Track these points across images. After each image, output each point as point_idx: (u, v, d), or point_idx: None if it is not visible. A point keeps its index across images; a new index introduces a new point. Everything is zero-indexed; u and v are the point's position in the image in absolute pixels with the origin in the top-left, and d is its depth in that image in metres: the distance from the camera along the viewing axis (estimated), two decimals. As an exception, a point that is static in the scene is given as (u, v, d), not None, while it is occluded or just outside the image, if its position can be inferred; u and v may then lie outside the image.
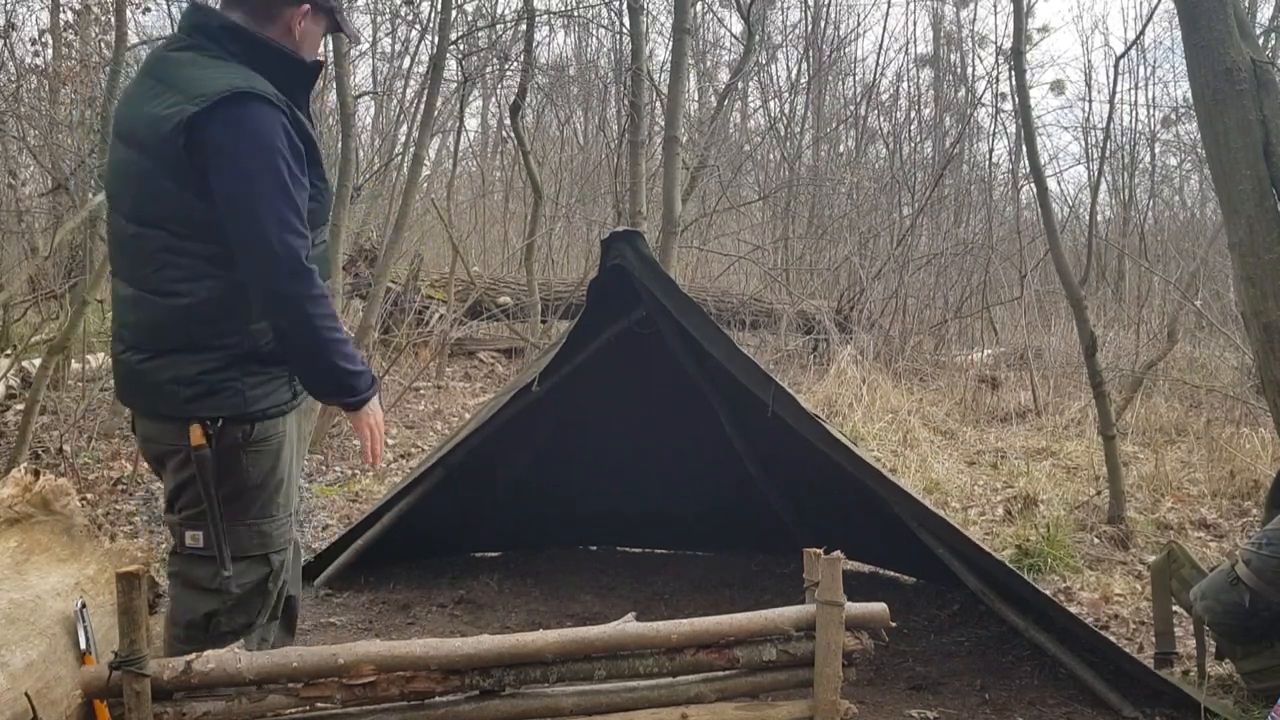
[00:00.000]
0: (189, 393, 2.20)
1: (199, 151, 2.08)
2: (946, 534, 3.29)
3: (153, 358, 2.22)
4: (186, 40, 2.23)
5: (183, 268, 2.18)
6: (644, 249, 3.48)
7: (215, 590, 2.26)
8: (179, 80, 2.14)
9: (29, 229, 7.16)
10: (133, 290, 2.24)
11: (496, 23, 10.86)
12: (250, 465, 2.26)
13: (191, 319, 2.18)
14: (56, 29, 9.02)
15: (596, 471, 4.55)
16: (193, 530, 2.27)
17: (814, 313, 10.18)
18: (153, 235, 2.18)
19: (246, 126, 2.09)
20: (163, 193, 2.15)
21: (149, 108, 2.16)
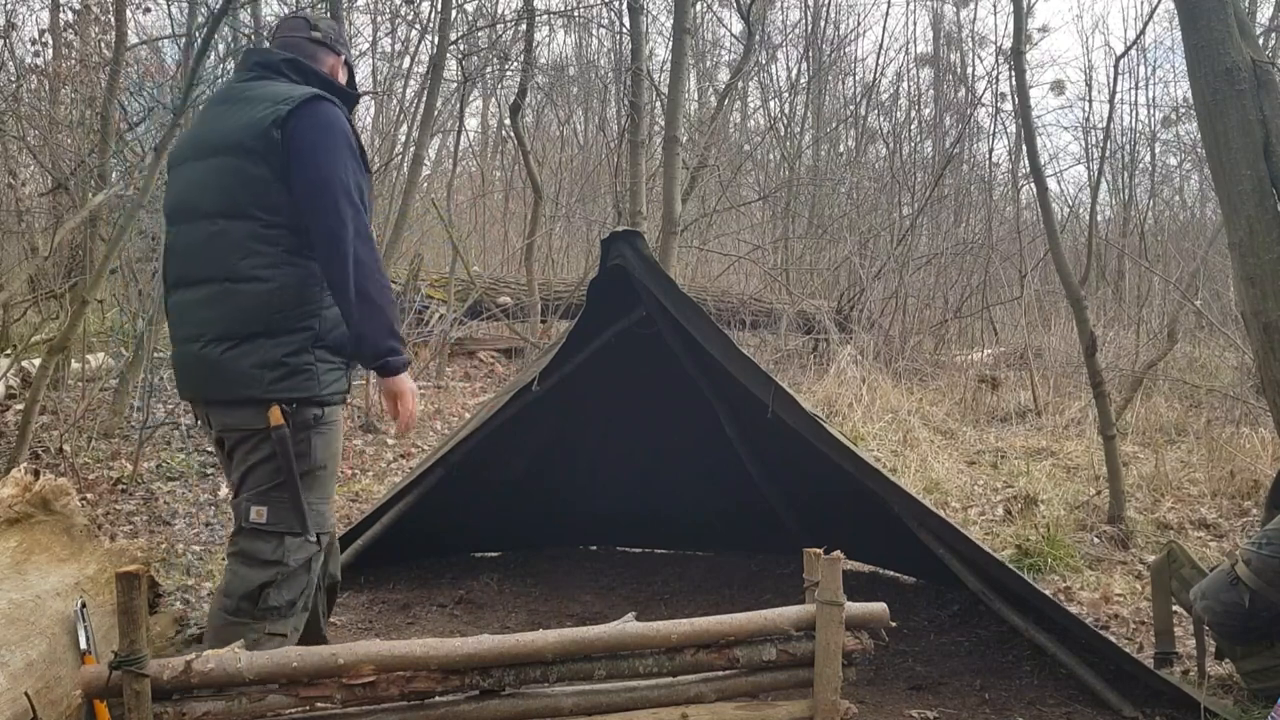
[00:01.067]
0: (273, 375, 2.42)
1: (288, 141, 2.42)
2: (946, 534, 3.29)
3: (236, 345, 2.42)
4: (256, 73, 2.62)
5: (266, 255, 2.43)
6: (644, 249, 3.48)
7: (274, 562, 2.44)
8: (265, 94, 2.50)
9: (29, 229, 7.16)
10: (209, 288, 2.46)
11: (496, 23, 10.86)
12: (318, 446, 2.49)
13: (273, 303, 2.42)
14: (56, 29, 9.02)
15: (597, 472, 4.55)
16: (258, 506, 2.45)
17: (814, 313, 10.18)
18: (241, 225, 2.44)
19: (324, 119, 2.46)
20: (256, 181, 2.43)
21: (237, 119, 2.49)
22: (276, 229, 2.44)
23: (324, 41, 2.75)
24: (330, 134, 2.45)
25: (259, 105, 2.47)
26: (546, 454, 4.45)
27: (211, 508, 5.11)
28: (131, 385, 6.16)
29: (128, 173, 6.82)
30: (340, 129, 2.47)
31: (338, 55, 2.76)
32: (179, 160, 2.64)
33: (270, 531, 2.45)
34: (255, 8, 9.23)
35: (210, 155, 2.52)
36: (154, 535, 4.62)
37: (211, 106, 2.69)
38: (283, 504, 2.44)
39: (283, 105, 2.44)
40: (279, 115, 2.42)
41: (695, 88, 15.91)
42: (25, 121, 7.36)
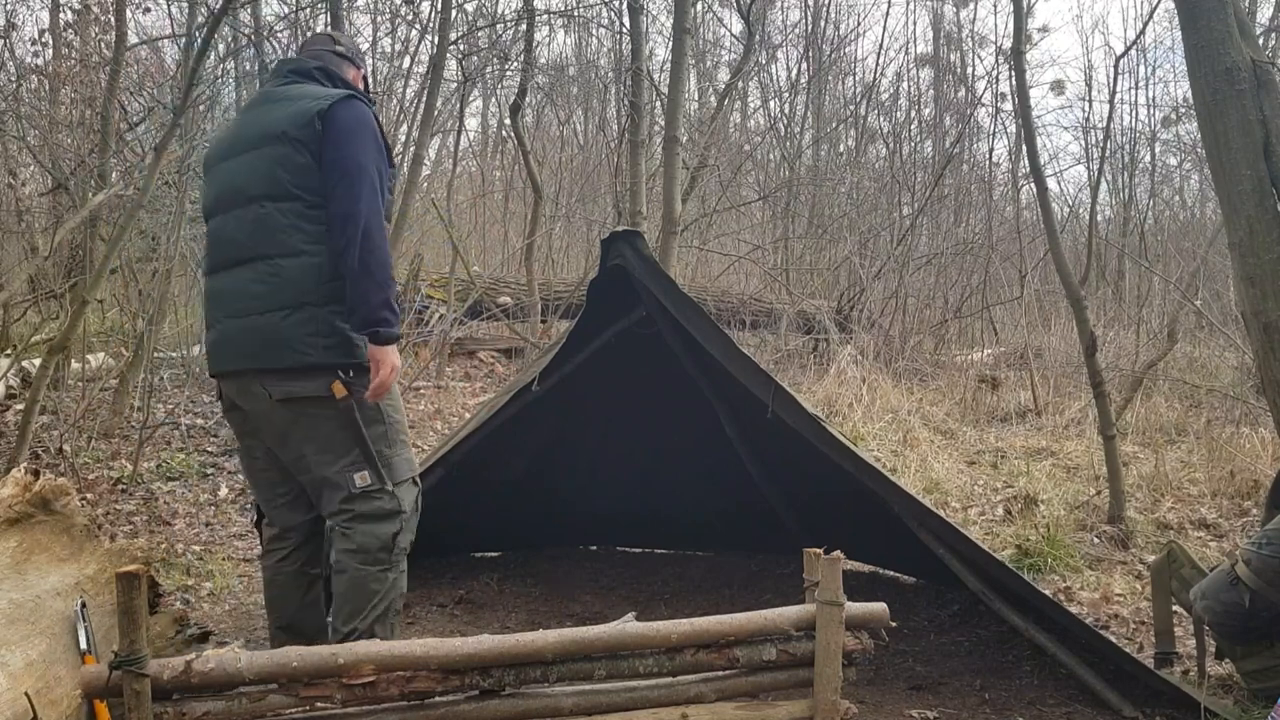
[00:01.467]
0: (326, 342, 2.67)
1: (326, 130, 2.69)
2: (946, 534, 3.29)
3: (291, 313, 2.66)
4: (290, 79, 2.90)
5: (310, 232, 2.69)
6: (644, 249, 3.48)
7: (394, 512, 2.74)
8: (304, 93, 2.80)
9: (29, 229, 7.16)
10: (260, 265, 2.70)
11: (496, 23, 10.86)
12: (384, 406, 2.74)
13: (320, 275, 2.67)
14: (56, 29, 9.02)
15: (597, 472, 4.55)
16: (359, 472, 2.71)
17: (814, 312, 10.17)
18: (286, 205, 2.70)
19: (357, 113, 2.75)
20: (299, 167, 2.70)
21: (279, 113, 2.76)
22: (318, 209, 2.69)
23: (347, 55, 3.05)
24: (361, 126, 2.73)
25: (301, 101, 2.75)
26: (546, 454, 4.45)
27: (211, 508, 5.11)
28: (131, 385, 6.16)
29: (128, 173, 6.82)
30: (369, 124, 2.75)
31: (358, 68, 3.07)
32: (216, 160, 2.89)
33: (376, 489, 2.72)
34: (255, 8, 9.24)
35: (254, 148, 2.77)
36: (154, 535, 4.62)
37: (248, 110, 2.97)
38: (372, 463, 2.71)
39: (323, 100, 2.73)
40: (320, 108, 2.70)
41: (695, 88, 15.91)
42: (25, 121, 7.35)
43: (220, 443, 6.08)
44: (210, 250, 2.86)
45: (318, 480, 2.75)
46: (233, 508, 5.13)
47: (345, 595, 2.73)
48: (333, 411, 2.67)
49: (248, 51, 9.57)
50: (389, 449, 2.76)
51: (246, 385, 2.75)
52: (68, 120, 7.87)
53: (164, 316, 7.10)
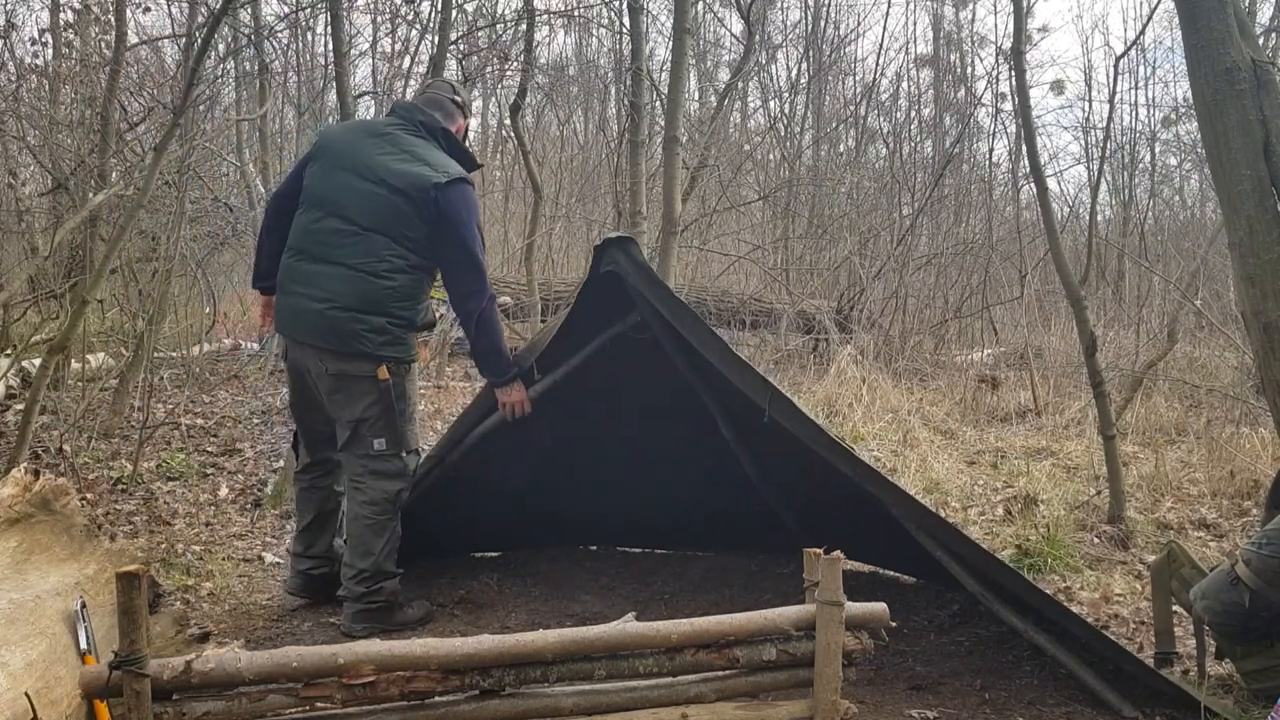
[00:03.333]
0: (380, 339, 3.47)
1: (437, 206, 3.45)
2: (945, 535, 3.29)
3: (361, 315, 3.45)
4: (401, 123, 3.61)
5: (394, 264, 3.48)
6: (637, 254, 3.47)
7: (400, 473, 3.60)
8: (427, 157, 3.52)
9: (29, 229, 7.16)
10: (346, 270, 3.46)
11: (496, 23, 10.86)
12: (408, 389, 3.60)
13: (392, 296, 3.49)
14: (56, 29, 9.02)
15: (596, 473, 4.55)
16: (378, 438, 3.53)
17: (814, 313, 10.17)
18: (381, 238, 3.46)
19: (468, 200, 3.56)
20: (403, 215, 3.46)
21: (401, 168, 3.48)
22: (403, 246, 3.47)
23: (460, 105, 3.74)
24: (471, 213, 3.53)
25: (422, 165, 3.48)
26: (546, 456, 4.44)
27: (211, 508, 5.11)
28: (131, 385, 6.16)
29: (128, 173, 6.83)
30: (476, 208, 3.56)
31: (467, 119, 3.76)
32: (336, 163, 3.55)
33: (391, 454, 3.55)
34: (255, 8, 9.24)
35: (372, 183, 3.47)
36: (154, 535, 4.62)
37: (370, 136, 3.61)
38: (393, 433, 3.53)
39: (441, 176, 3.45)
40: (439, 183, 3.43)
41: (695, 88, 15.92)
42: (25, 121, 7.35)
43: (220, 443, 6.08)
44: (304, 234, 3.55)
45: (349, 433, 3.55)
46: (233, 508, 5.13)
47: (360, 538, 3.56)
48: (371, 388, 3.47)
49: (248, 51, 9.57)
50: (404, 424, 3.57)
51: (311, 353, 3.53)
52: (68, 120, 7.87)
53: (164, 316, 7.11)
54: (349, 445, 3.58)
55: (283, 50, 10.25)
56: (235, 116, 10.25)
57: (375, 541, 3.57)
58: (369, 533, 3.56)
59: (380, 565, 3.59)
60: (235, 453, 5.98)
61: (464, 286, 3.55)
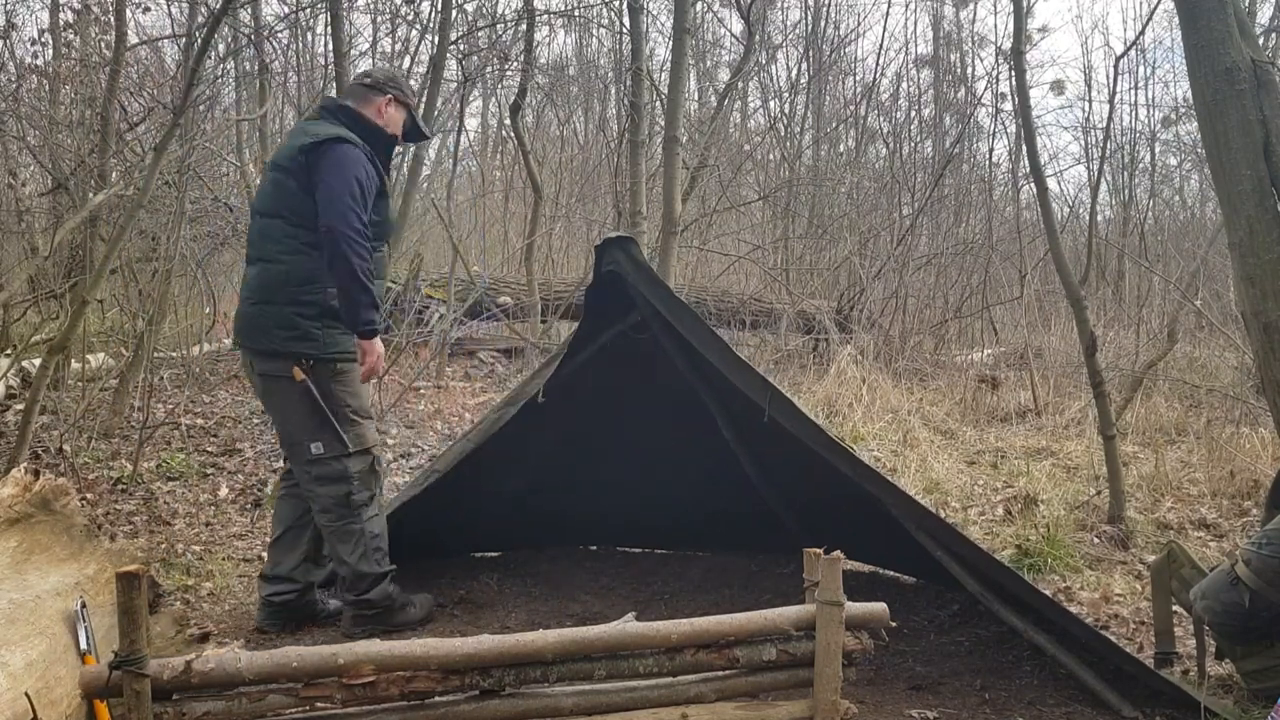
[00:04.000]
0: (285, 334, 3.36)
1: (308, 168, 3.36)
2: (944, 536, 3.29)
3: (264, 306, 3.39)
4: (319, 114, 3.60)
5: (285, 245, 3.39)
6: (637, 254, 3.47)
7: (342, 476, 3.46)
8: (309, 130, 3.47)
9: (29, 229, 7.16)
10: (259, 265, 3.44)
11: (496, 23, 10.85)
12: (339, 392, 3.43)
13: (286, 278, 3.37)
14: (56, 29, 9.01)
15: (596, 473, 4.55)
16: (314, 442, 3.42)
17: (814, 313, 10.17)
18: (277, 223, 3.41)
19: (337, 156, 3.37)
20: (288, 192, 3.40)
21: (288, 145, 3.49)
22: (297, 227, 3.37)
23: (374, 85, 3.63)
24: (340, 166, 3.34)
25: (301, 137, 3.43)
26: (547, 456, 4.44)
27: (211, 508, 5.11)
28: (131, 385, 6.16)
29: (128, 173, 6.82)
30: (349, 164, 3.35)
31: (385, 94, 3.61)
32: (269, 167, 3.62)
33: (330, 457, 3.43)
34: (255, 8, 9.24)
35: (270, 171, 3.52)
36: (154, 535, 4.62)
37: (288, 135, 3.83)
38: (329, 435, 3.41)
39: (310, 139, 3.37)
40: (305, 144, 3.36)
41: (695, 88, 15.91)
42: (25, 121, 7.35)
43: (220, 443, 6.08)
44: (248, 240, 3.62)
45: (286, 440, 3.54)
46: (233, 508, 5.13)
47: (331, 547, 3.56)
48: (294, 389, 3.36)
49: (248, 51, 9.57)
50: (345, 425, 3.43)
51: (245, 356, 3.57)
52: (68, 120, 7.86)
53: (164, 316, 7.10)
54: (291, 453, 3.56)
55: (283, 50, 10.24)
56: (235, 116, 10.25)
57: (343, 548, 3.52)
58: (334, 540, 3.53)
59: (357, 569, 3.53)
60: (235, 453, 5.98)
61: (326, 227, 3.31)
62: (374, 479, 3.57)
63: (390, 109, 3.62)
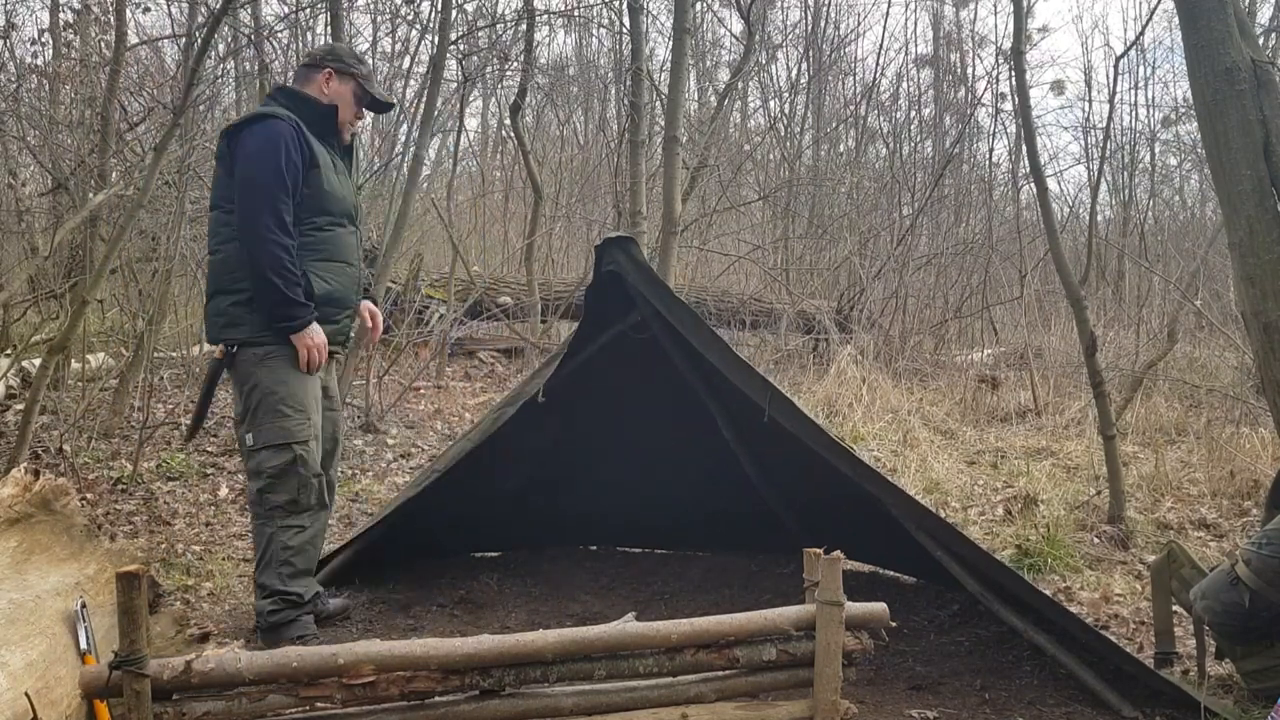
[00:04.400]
0: (220, 321, 3.28)
1: (233, 149, 3.24)
2: (944, 535, 3.29)
3: (210, 299, 3.35)
4: (265, 101, 3.48)
5: (221, 235, 3.31)
6: (637, 254, 3.48)
7: (257, 472, 3.24)
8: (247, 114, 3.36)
9: (29, 229, 7.15)
10: (209, 258, 3.39)
11: (496, 23, 10.85)
12: (263, 377, 3.22)
13: (222, 267, 3.29)
14: (56, 29, 9.01)
15: (596, 473, 4.55)
16: (246, 432, 3.26)
17: (814, 312, 10.17)
18: (215, 214, 3.33)
19: (259, 133, 3.23)
20: (220, 180, 3.32)
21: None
22: (229, 214, 3.27)
23: (311, 62, 3.50)
24: (261, 144, 3.19)
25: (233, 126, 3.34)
26: (547, 456, 4.44)
27: (211, 508, 5.11)
28: (131, 385, 6.15)
29: (128, 173, 6.82)
30: (273, 140, 3.19)
31: (321, 68, 3.45)
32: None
33: (252, 449, 3.25)
34: (255, 8, 9.24)
35: (216, 162, 3.41)
36: (154, 535, 4.62)
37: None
38: (251, 424, 3.23)
39: (234, 123, 3.33)
40: (226, 130, 3.31)
41: (695, 88, 15.91)
42: (25, 121, 7.35)
43: (220, 443, 6.08)
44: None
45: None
46: (233, 508, 5.13)
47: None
48: (227, 375, 3.29)
49: (248, 51, 9.56)
50: (261, 415, 3.22)
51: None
52: (68, 120, 7.86)
53: (164, 316, 7.10)
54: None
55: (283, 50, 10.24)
56: (235, 116, 10.24)
57: (258, 549, 3.33)
58: (256, 538, 3.35)
59: (260, 579, 3.29)
60: (235, 453, 5.97)
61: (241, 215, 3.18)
62: (298, 484, 3.25)
63: (333, 83, 3.45)
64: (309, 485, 3.25)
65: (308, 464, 3.25)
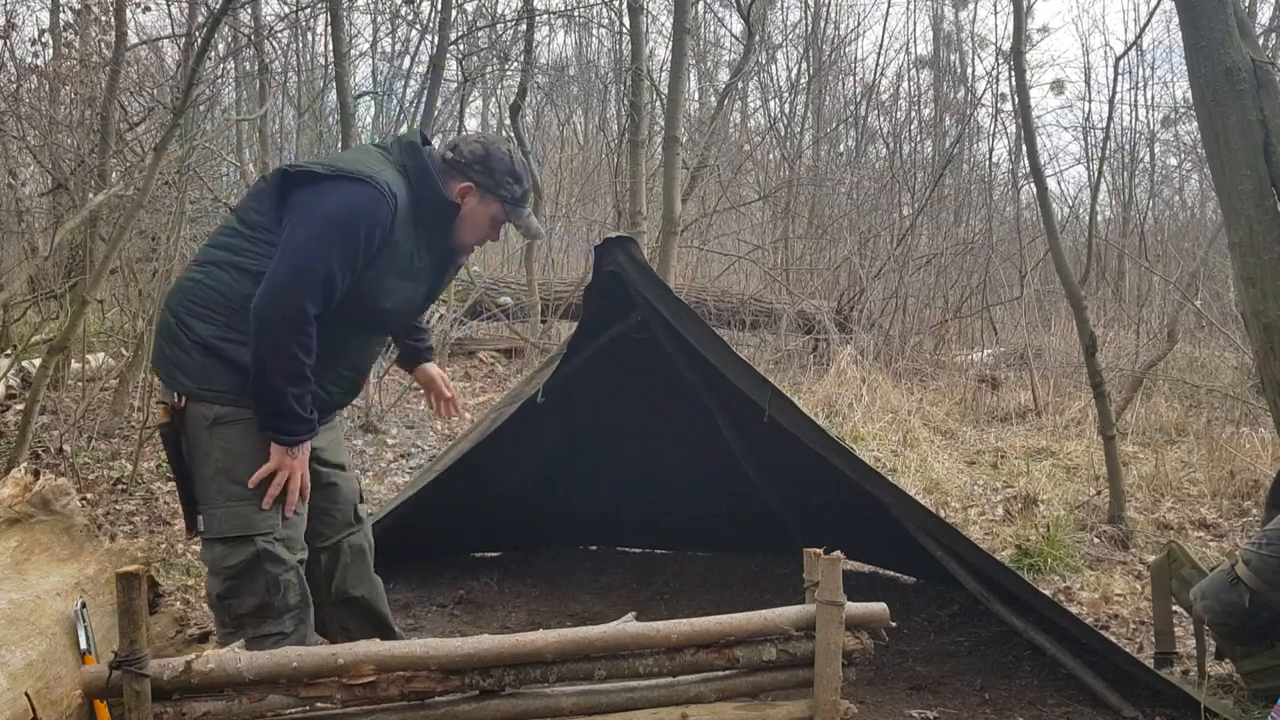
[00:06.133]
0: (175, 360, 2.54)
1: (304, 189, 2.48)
2: (944, 536, 3.29)
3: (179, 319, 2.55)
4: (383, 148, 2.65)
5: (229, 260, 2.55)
6: (637, 254, 3.47)
7: (213, 569, 2.50)
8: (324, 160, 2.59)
9: (29, 229, 7.15)
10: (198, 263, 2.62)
11: (496, 23, 10.85)
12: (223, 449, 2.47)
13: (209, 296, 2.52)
14: (56, 29, 9.01)
15: (596, 473, 4.55)
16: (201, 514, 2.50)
17: (814, 313, 10.17)
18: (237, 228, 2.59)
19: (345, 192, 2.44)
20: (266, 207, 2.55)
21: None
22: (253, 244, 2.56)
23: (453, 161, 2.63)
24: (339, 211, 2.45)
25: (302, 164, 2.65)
26: (547, 456, 4.44)
27: (211, 508, 5.10)
28: (131, 385, 6.15)
29: (128, 173, 6.82)
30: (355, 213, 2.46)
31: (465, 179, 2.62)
32: None
33: (205, 537, 2.50)
34: (255, 8, 9.25)
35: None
36: (154, 535, 4.62)
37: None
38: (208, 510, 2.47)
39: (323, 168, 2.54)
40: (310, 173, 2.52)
41: (695, 88, 15.92)
42: (25, 121, 7.34)
43: (220, 443, 6.07)
44: None
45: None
46: (233, 508, 5.12)
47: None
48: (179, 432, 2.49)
49: (248, 51, 9.56)
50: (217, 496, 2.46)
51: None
52: (68, 120, 7.85)
53: (164, 316, 7.08)
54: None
55: (283, 50, 10.25)
56: (235, 116, 10.26)
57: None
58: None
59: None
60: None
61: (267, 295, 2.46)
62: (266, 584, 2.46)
63: (470, 200, 2.62)
64: (281, 584, 2.48)
65: (278, 558, 2.47)
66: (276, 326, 2.39)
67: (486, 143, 2.68)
